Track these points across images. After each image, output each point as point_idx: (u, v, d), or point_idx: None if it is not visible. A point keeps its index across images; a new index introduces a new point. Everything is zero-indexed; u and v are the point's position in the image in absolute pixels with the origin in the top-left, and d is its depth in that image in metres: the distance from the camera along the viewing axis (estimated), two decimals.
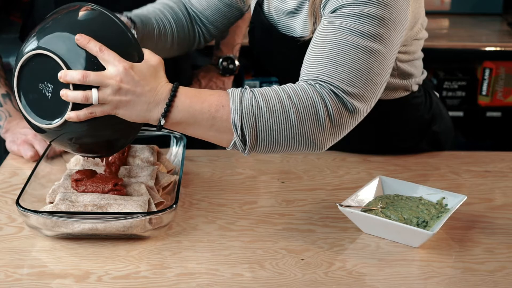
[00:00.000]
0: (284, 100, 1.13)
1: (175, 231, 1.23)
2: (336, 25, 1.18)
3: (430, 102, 1.56)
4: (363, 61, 1.16)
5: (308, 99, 1.13)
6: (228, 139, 1.14)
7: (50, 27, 1.14)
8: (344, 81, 1.15)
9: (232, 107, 1.12)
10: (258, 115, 1.12)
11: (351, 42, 1.16)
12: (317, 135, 1.14)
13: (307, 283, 1.08)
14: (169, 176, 1.35)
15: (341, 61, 1.15)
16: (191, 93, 1.14)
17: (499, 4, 3.23)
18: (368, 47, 1.16)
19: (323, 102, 1.13)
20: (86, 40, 1.10)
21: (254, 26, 1.51)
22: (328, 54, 1.17)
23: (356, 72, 1.15)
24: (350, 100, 1.15)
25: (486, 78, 2.99)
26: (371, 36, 1.16)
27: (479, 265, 1.13)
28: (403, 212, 1.21)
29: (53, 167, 1.40)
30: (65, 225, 1.15)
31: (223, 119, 1.13)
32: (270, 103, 1.13)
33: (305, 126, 1.13)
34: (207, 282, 1.08)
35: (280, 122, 1.13)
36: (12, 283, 1.08)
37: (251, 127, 1.12)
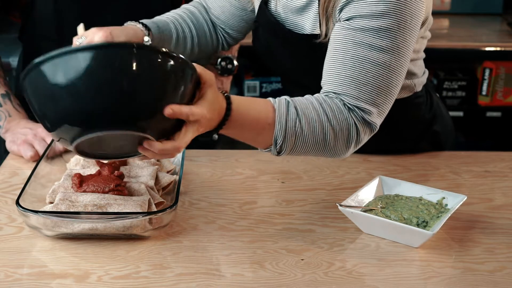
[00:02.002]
0: (324, 122, 1.20)
1: (175, 231, 1.23)
2: (356, 40, 1.22)
3: (431, 101, 1.56)
4: (385, 77, 1.22)
5: (344, 122, 1.21)
6: (266, 146, 1.21)
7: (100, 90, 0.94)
8: (369, 101, 1.22)
9: (278, 126, 1.18)
10: (299, 135, 1.19)
11: (371, 59, 1.21)
12: (343, 151, 1.24)
13: (307, 283, 1.08)
14: (169, 176, 1.35)
15: (365, 81, 1.21)
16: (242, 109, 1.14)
17: (499, 4, 3.24)
18: (387, 62, 1.22)
19: (355, 126, 1.22)
20: (177, 112, 1.00)
21: (259, 24, 1.51)
22: (352, 73, 1.21)
23: (379, 90, 1.22)
24: (374, 119, 1.23)
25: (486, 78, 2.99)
26: (389, 49, 1.21)
27: (479, 265, 1.13)
28: (403, 212, 1.21)
29: (53, 167, 1.40)
30: (65, 225, 1.15)
31: (267, 136, 1.19)
32: (311, 125, 1.19)
33: (336, 145, 1.22)
34: (207, 282, 1.08)
35: (317, 142, 1.21)
36: (12, 283, 1.08)
37: (290, 145, 1.20)
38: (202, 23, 1.55)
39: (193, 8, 1.57)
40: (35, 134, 1.52)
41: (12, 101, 1.62)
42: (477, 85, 3.03)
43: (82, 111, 0.95)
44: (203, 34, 1.55)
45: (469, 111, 3.03)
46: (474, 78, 3.04)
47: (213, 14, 1.57)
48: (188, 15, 1.54)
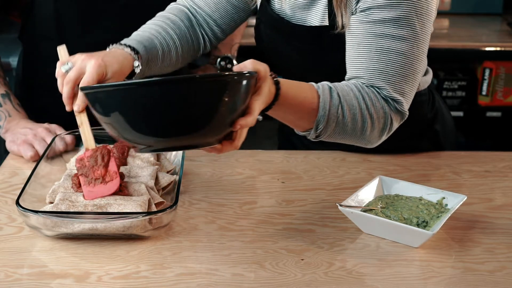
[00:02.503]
0: (363, 110, 1.24)
1: (175, 231, 1.23)
2: (378, 32, 1.26)
3: (433, 101, 1.57)
4: (410, 66, 1.26)
5: (380, 111, 1.25)
6: (305, 129, 1.25)
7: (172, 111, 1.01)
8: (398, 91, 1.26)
9: (321, 112, 1.21)
10: (340, 122, 1.23)
11: (395, 49, 1.25)
12: (376, 139, 1.29)
13: (307, 283, 1.08)
14: (169, 176, 1.35)
15: (392, 71, 1.26)
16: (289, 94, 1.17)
17: (499, 4, 3.24)
18: (410, 50, 1.25)
19: (390, 116, 1.27)
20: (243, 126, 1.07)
21: (261, 21, 1.51)
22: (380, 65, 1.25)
23: (406, 78, 1.27)
24: (404, 108, 1.28)
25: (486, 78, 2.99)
26: (410, 38, 1.25)
27: (479, 265, 1.13)
28: (403, 212, 1.21)
29: (53, 167, 1.40)
30: (65, 225, 1.15)
31: (309, 120, 1.22)
32: (352, 112, 1.23)
33: (372, 133, 1.27)
34: (207, 282, 1.08)
35: (355, 129, 1.25)
36: (12, 283, 1.07)
37: (330, 130, 1.24)
38: (184, 31, 1.51)
39: (173, 16, 1.52)
40: (35, 134, 1.52)
41: (12, 101, 1.63)
42: (477, 85, 3.03)
43: (164, 135, 1.03)
44: (186, 42, 1.52)
45: (469, 111, 3.03)
46: (474, 78, 3.04)
47: (205, 12, 1.53)
48: (170, 26, 1.49)
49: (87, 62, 1.23)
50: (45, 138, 1.51)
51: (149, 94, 0.99)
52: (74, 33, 1.71)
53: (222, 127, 1.05)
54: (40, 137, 1.51)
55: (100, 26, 1.71)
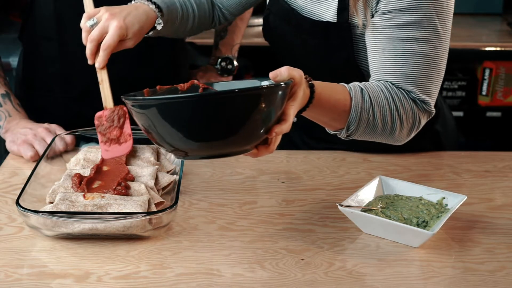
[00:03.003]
0: (393, 112, 1.27)
1: (175, 231, 1.23)
2: (403, 37, 1.28)
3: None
4: (434, 65, 1.30)
5: (409, 112, 1.29)
6: (336, 129, 1.28)
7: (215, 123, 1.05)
8: (425, 91, 1.29)
9: (353, 114, 1.24)
10: (371, 123, 1.26)
11: (420, 52, 1.27)
12: (404, 138, 1.33)
13: (307, 283, 1.08)
14: (169, 176, 1.35)
15: (418, 74, 1.28)
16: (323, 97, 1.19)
17: (499, 4, 3.23)
18: (434, 50, 1.28)
19: (418, 117, 1.30)
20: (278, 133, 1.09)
21: (270, 12, 1.52)
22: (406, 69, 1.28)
23: (432, 78, 1.30)
24: (432, 108, 1.31)
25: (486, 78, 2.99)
26: (433, 38, 1.28)
27: (479, 265, 1.13)
28: (403, 212, 1.21)
29: (53, 167, 1.40)
30: (65, 225, 1.15)
31: (341, 121, 1.25)
32: (382, 114, 1.26)
33: (401, 133, 1.30)
34: (207, 282, 1.08)
35: (385, 130, 1.28)
36: (12, 283, 1.08)
37: (361, 131, 1.27)
38: (204, 2, 1.57)
39: None
40: (35, 134, 1.52)
41: (12, 101, 1.63)
42: (477, 85, 3.03)
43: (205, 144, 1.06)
44: (203, 12, 1.57)
45: (469, 111, 3.03)
46: (474, 78, 3.03)
47: None
48: None
49: (110, 22, 1.30)
50: (45, 138, 1.51)
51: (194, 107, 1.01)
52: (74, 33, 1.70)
53: (259, 135, 1.08)
54: (40, 137, 1.51)
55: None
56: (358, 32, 1.36)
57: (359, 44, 1.38)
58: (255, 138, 1.08)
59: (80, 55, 1.72)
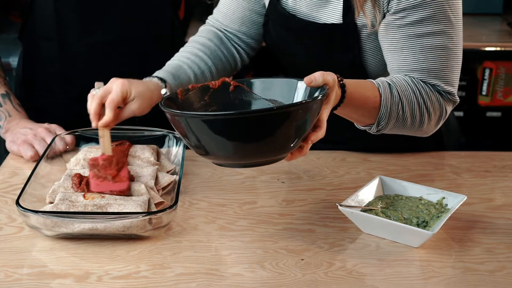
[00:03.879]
0: (421, 105, 1.30)
1: (175, 231, 1.23)
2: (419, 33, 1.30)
3: None
4: (453, 55, 1.31)
5: (436, 104, 1.31)
6: (366, 124, 1.31)
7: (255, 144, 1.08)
8: (449, 83, 1.32)
9: (383, 110, 1.27)
10: (401, 118, 1.29)
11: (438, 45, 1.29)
12: (432, 130, 1.36)
13: (307, 283, 1.08)
14: (169, 176, 1.35)
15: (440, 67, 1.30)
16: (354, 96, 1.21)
17: (499, 4, 3.23)
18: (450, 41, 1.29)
19: (446, 110, 1.34)
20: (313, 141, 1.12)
21: (269, 19, 1.52)
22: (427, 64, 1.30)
23: (452, 69, 1.32)
24: (456, 97, 1.35)
25: (486, 78, 2.99)
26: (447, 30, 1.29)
27: (479, 265, 1.13)
28: (403, 212, 1.21)
29: (53, 167, 1.40)
30: (65, 225, 1.15)
31: (371, 117, 1.28)
32: (411, 108, 1.29)
33: (429, 125, 1.34)
34: (207, 282, 1.08)
35: (414, 124, 1.31)
36: (12, 283, 1.08)
37: (390, 125, 1.30)
38: (215, 50, 1.57)
39: (203, 39, 1.57)
40: (35, 134, 1.52)
41: (12, 101, 1.63)
42: (477, 85, 3.03)
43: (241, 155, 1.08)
44: (219, 61, 1.57)
45: (469, 111, 3.03)
46: (474, 78, 3.03)
47: (232, 29, 1.58)
48: (200, 48, 1.55)
49: (114, 82, 1.31)
50: (45, 138, 1.51)
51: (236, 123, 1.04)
52: (74, 33, 1.71)
53: (296, 145, 1.11)
54: (40, 137, 1.51)
55: (101, 26, 1.71)
56: (365, 33, 1.36)
57: (366, 46, 1.38)
58: (293, 147, 1.10)
59: (80, 55, 1.73)
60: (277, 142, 1.07)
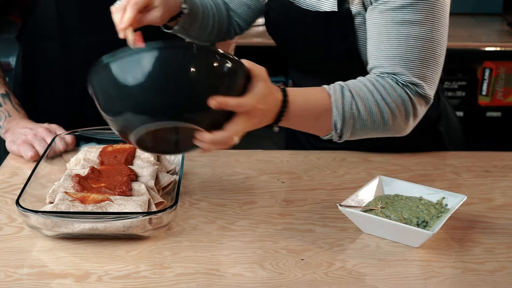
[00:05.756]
0: (379, 101, 1.24)
1: (175, 231, 1.23)
2: (397, 19, 1.27)
3: (437, 101, 1.57)
4: (430, 50, 1.27)
5: (398, 98, 1.26)
6: (327, 133, 1.26)
7: (157, 86, 1.03)
8: (420, 75, 1.27)
9: (335, 112, 1.22)
10: (357, 118, 1.23)
11: (414, 34, 1.26)
12: (402, 127, 1.29)
13: (307, 283, 1.08)
14: (169, 176, 1.35)
15: (412, 57, 1.26)
16: (298, 101, 1.19)
17: (499, 4, 3.24)
18: (429, 34, 1.26)
19: (410, 100, 1.27)
20: (222, 102, 1.05)
21: (270, 7, 1.52)
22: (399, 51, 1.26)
23: (426, 63, 1.27)
24: (427, 92, 1.28)
25: (486, 78, 2.99)
26: (428, 21, 1.26)
27: (479, 265, 1.13)
28: (403, 212, 1.21)
29: (53, 167, 1.40)
30: (65, 225, 1.15)
31: (325, 122, 1.23)
32: (367, 106, 1.24)
33: (395, 122, 1.27)
34: (207, 282, 1.08)
35: (375, 122, 1.25)
36: (12, 283, 1.08)
37: (350, 127, 1.24)
38: (220, 5, 1.60)
39: None
40: (35, 134, 1.52)
41: (12, 101, 1.63)
42: (477, 85, 3.03)
43: (143, 104, 1.03)
44: (221, 16, 1.60)
45: (469, 111, 3.03)
46: (474, 78, 3.04)
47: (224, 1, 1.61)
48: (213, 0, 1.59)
49: None
50: (45, 138, 1.51)
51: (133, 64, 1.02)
52: (75, 33, 1.70)
53: (199, 100, 1.03)
54: (40, 137, 1.51)
55: (102, 25, 1.71)
56: (360, 21, 1.36)
57: (362, 34, 1.38)
58: (194, 102, 1.03)
59: (81, 55, 1.73)
60: (171, 85, 1.01)
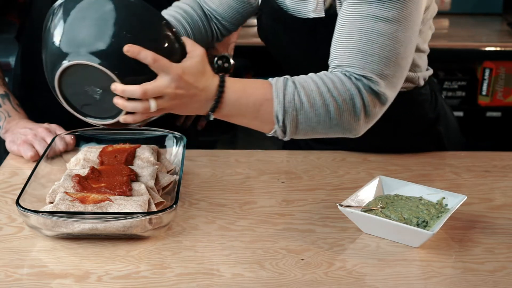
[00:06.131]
0: (324, 93, 1.20)
1: (175, 231, 1.23)
2: (362, 13, 1.23)
3: (435, 101, 1.57)
4: (391, 48, 1.22)
5: (346, 92, 1.20)
6: (270, 128, 1.22)
7: (83, 28, 1.11)
8: (375, 71, 1.21)
9: (276, 101, 1.19)
10: (300, 109, 1.19)
11: (377, 30, 1.22)
12: (352, 125, 1.23)
13: (307, 283, 1.08)
14: (169, 176, 1.35)
15: (371, 51, 1.22)
16: (237, 86, 1.19)
17: (499, 4, 3.24)
18: (394, 33, 1.22)
19: (360, 95, 1.21)
20: (136, 51, 1.08)
21: (262, 12, 1.52)
22: (358, 44, 1.22)
23: (386, 60, 1.22)
24: (382, 90, 1.22)
25: (486, 78, 2.99)
26: (395, 20, 1.22)
27: (479, 265, 1.13)
28: (403, 212, 1.21)
29: (53, 167, 1.40)
30: (65, 225, 1.15)
31: (267, 112, 1.20)
32: (311, 97, 1.20)
33: (342, 117, 1.21)
34: (207, 282, 1.08)
35: (320, 114, 1.20)
36: (12, 283, 1.08)
37: (292, 120, 1.20)
38: (196, 20, 1.56)
39: (186, 6, 1.56)
40: (35, 134, 1.52)
41: (11, 101, 1.62)
42: (477, 85, 3.03)
43: (71, 38, 1.12)
44: (198, 30, 1.56)
45: (469, 111, 3.03)
46: (474, 78, 3.03)
47: (209, 6, 1.57)
48: (182, 15, 1.54)
49: None
50: (45, 138, 1.51)
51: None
52: None
53: (117, 43, 1.07)
54: (40, 137, 1.51)
55: None
56: None
57: None
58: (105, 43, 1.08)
59: None
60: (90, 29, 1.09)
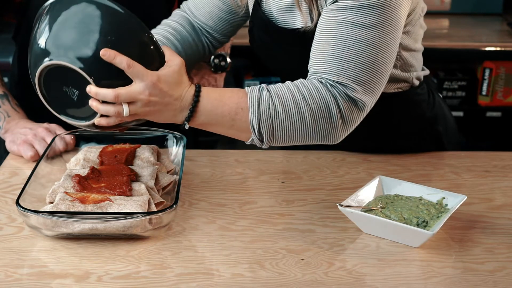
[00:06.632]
0: (299, 101, 1.20)
1: (175, 231, 1.23)
2: (339, 19, 1.22)
3: (433, 101, 1.57)
4: (368, 54, 1.21)
5: (321, 99, 1.20)
6: (247, 136, 1.24)
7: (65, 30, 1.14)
8: (352, 77, 1.21)
9: (250, 110, 1.20)
10: (275, 117, 1.20)
11: (354, 36, 1.21)
12: (330, 132, 1.23)
13: (307, 283, 1.08)
14: (169, 176, 1.35)
15: (347, 57, 1.21)
16: (212, 96, 1.20)
17: (499, 4, 3.24)
18: (371, 39, 1.21)
19: (335, 101, 1.21)
20: (112, 55, 1.10)
21: (253, 24, 1.51)
22: (334, 51, 1.22)
23: (362, 67, 1.21)
24: (359, 96, 1.21)
25: (486, 78, 2.99)
26: (373, 26, 1.21)
27: (479, 265, 1.13)
28: (403, 212, 1.21)
29: (53, 167, 1.40)
30: (65, 225, 1.15)
31: (242, 121, 1.21)
32: (286, 105, 1.20)
33: (318, 125, 1.21)
34: (207, 282, 1.08)
35: (295, 122, 1.21)
36: (12, 283, 1.08)
37: (268, 128, 1.21)
38: (186, 36, 1.56)
39: (174, 23, 1.56)
40: (35, 134, 1.52)
41: (10, 102, 1.62)
42: (477, 85, 3.03)
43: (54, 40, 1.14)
44: (189, 47, 1.56)
45: (469, 111, 3.03)
46: (474, 78, 3.03)
47: (200, 21, 1.57)
48: (171, 32, 1.54)
49: None
50: (45, 138, 1.50)
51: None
52: None
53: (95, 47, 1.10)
54: (40, 137, 1.51)
55: None
56: None
57: None
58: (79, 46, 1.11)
59: None
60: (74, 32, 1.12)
